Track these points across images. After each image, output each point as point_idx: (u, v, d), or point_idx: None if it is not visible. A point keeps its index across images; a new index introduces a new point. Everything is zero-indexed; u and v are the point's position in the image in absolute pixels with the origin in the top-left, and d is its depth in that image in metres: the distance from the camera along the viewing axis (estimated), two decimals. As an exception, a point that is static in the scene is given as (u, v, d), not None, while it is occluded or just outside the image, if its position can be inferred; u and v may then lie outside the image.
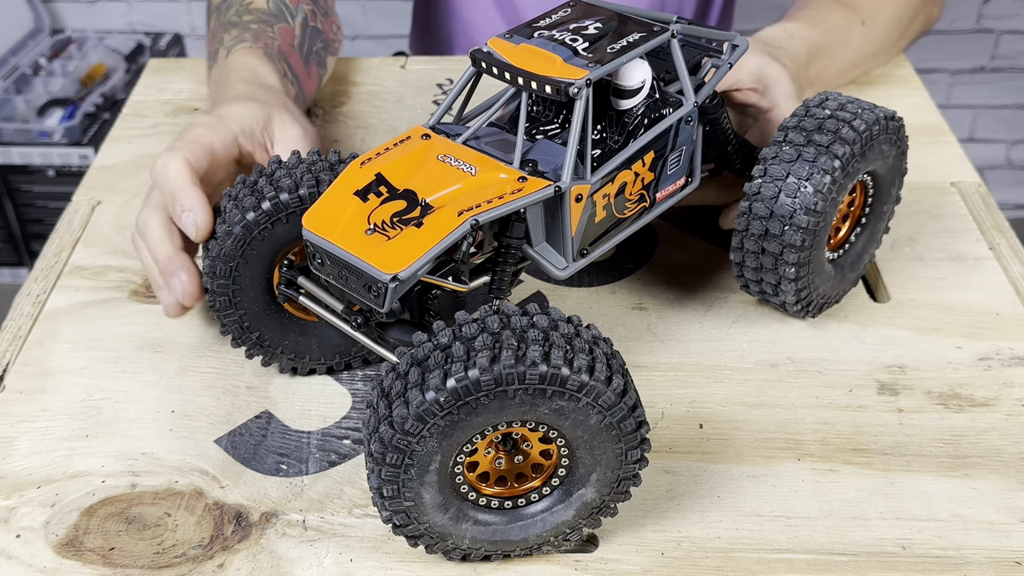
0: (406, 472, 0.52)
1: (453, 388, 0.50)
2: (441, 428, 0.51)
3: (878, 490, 0.62)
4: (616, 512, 0.57)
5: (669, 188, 0.68)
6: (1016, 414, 0.67)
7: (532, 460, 0.56)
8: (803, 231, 0.65)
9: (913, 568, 0.58)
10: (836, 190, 0.65)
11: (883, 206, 0.73)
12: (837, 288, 0.73)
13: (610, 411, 0.52)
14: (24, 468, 0.64)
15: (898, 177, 0.73)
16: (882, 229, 0.75)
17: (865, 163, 0.67)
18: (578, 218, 0.61)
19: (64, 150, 1.93)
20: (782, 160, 0.66)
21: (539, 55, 0.61)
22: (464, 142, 0.63)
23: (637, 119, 0.64)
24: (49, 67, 2.06)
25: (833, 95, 0.69)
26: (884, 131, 0.67)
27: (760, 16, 2.12)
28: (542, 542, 0.57)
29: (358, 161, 0.62)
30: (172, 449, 0.65)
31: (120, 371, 0.71)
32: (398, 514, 0.54)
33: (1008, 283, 0.77)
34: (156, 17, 2.18)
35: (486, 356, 0.50)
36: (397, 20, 2.15)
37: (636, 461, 0.55)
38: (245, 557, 0.58)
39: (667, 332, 0.74)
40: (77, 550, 0.59)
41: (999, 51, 2.17)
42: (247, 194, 0.64)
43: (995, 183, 2.32)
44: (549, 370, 0.50)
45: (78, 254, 0.81)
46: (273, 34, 0.87)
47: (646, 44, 0.62)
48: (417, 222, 0.57)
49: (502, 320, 0.52)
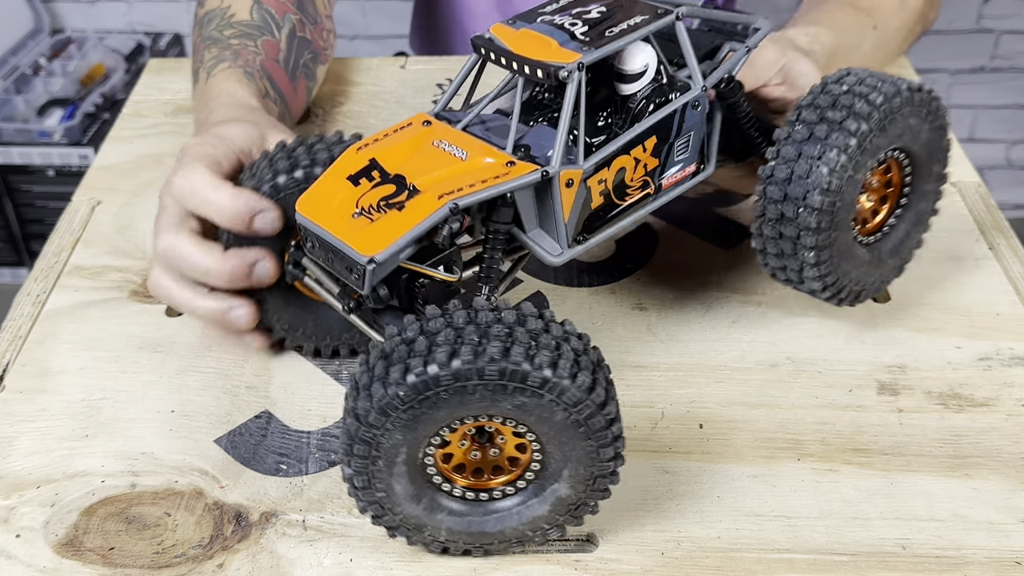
0: (374, 463, 0.53)
1: (413, 383, 0.50)
2: (404, 421, 0.51)
3: (878, 490, 0.62)
4: (597, 510, 0.57)
5: (677, 175, 0.66)
6: (1016, 414, 0.67)
7: (507, 453, 0.56)
8: (818, 212, 0.63)
9: (913, 568, 0.58)
10: (853, 167, 0.62)
11: (924, 185, 0.70)
12: (874, 275, 0.70)
13: (576, 408, 0.52)
14: (24, 468, 0.64)
15: (937, 153, 0.69)
16: (928, 211, 0.71)
17: (887, 138, 0.64)
18: (570, 204, 0.60)
19: (64, 150, 1.93)
20: (794, 140, 0.64)
21: (536, 40, 0.61)
22: (464, 128, 0.63)
23: (641, 104, 0.63)
24: (49, 67, 2.06)
25: (855, 71, 0.66)
26: (908, 103, 0.64)
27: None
28: (520, 537, 0.57)
29: (355, 146, 0.63)
30: (172, 449, 0.65)
31: (120, 371, 0.71)
32: (372, 504, 0.55)
33: (1008, 283, 0.77)
34: (156, 17, 2.18)
35: (445, 351, 0.50)
36: (397, 20, 2.15)
37: (611, 459, 0.54)
38: (245, 557, 0.58)
39: (667, 332, 0.74)
40: (77, 550, 0.59)
41: (999, 51, 2.17)
42: (283, 157, 0.65)
43: (995, 183, 2.32)
44: (508, 366, 0.50)
45: (78, 254, 0.81)
46: (256, 49, 0.84)
47: (647, 27, 0.61)
48: (400, 206, 0.58)
49: (468, 315, 0.52)
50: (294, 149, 0.66)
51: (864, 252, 0.68)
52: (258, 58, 0.84)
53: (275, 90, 0.83)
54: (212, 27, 0.87)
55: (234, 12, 0.88)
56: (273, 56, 0.86)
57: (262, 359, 0.72)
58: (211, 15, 0.88)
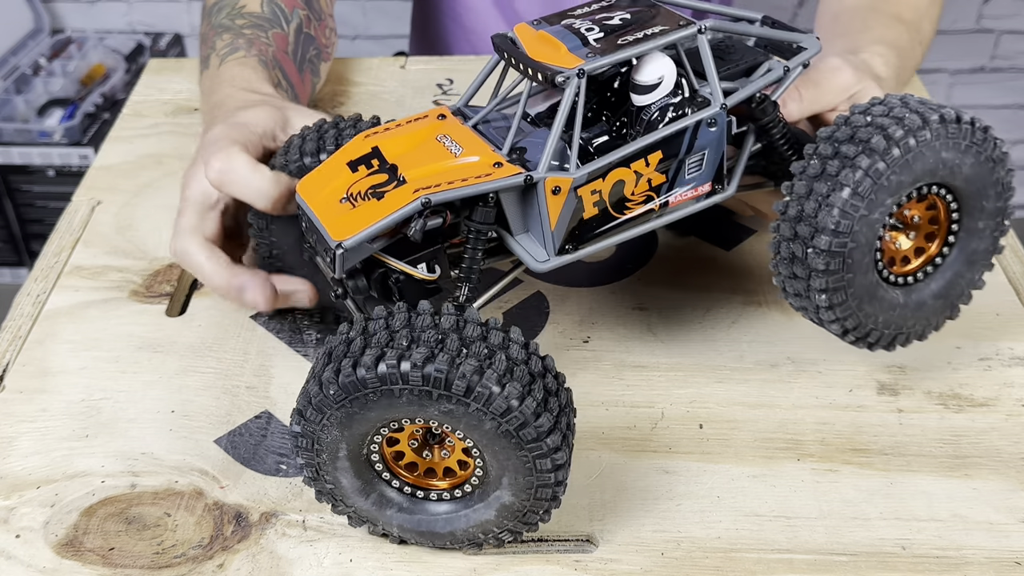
0: (318, 456, 0.54)
1: (343, 383, 0.51)
2: (339, 419, 0.52)
3: (878, 490, 0.62)
4: (548, 518, 0.56)
5: (687, 193, 0.63)
6: (1016, 414, 0.67)
7: (456, 456, 0.56)
8: (826, 254, 0.59)
9: (913, 568, 0.58)
10: (866, 207, 0.58)
11: (974, 222, 0.63)
12: (914, 319, 0.64)
13: (504, 418, 0.51)
14: (24, 468, 0.64)
15: (988, 188, 0.62)
16: (985, 250, 0.65)
17: (912, 175, 0.59)
18: (557, 211, 0.59)
19: (64, 150, 1.93)
20: (807, 175, 0.60)
21: (548, 43, 0.60)
22: (473, 126, 0.63)
23: (655, 116, 0.61)
24: (49, 67, 2.06)
25: (889, 99, 0.61)
26: (940, 136, 0.59)
27: (760, 16, 2.12)
28: (471, 539, 0.57)
29: (364, 133, 0.63)
30: (172, 449, 0.65)
31: (120, 371, 0.71)
32: (325, 495, 0.56)
33: (1008, 283, 0.77)
34: (156, 17, 2.18)
35: (373, 355, 0.51)
36: (397, 20, 2.15)
37: (551, 470, 0.53)
38: (245, 557, 0.58)
39: (667, 332, 0.74)
40: (77, 550, 0.59)
41: (999, 51, 2.17)
42: (313, 139, 0.67)
43: (995, 183, 2.32)
44: (432, 372, 0.50)
45: (78, 254, 0.81)
46: (267, 40, 0.85)
47: (663, 38, 0.59)
48: (381, 195, 0.58)
49: (407, 318, 0.53)
50: (326, 131, 0.68)
51: (897, 294, 0.63)
52: (270, 49, 0.85)
53: (287, 80, 0.84)
54: (223, 16, 0.87)
55: (244, 3, 0.89)
56: (283, 48, 0.87)
57: (262, 359, 0.72)
58: (221, 4, 0.89)
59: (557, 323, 0.75)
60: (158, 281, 0.79)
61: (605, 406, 0.68)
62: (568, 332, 0.74)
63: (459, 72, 1.05)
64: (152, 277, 0.79)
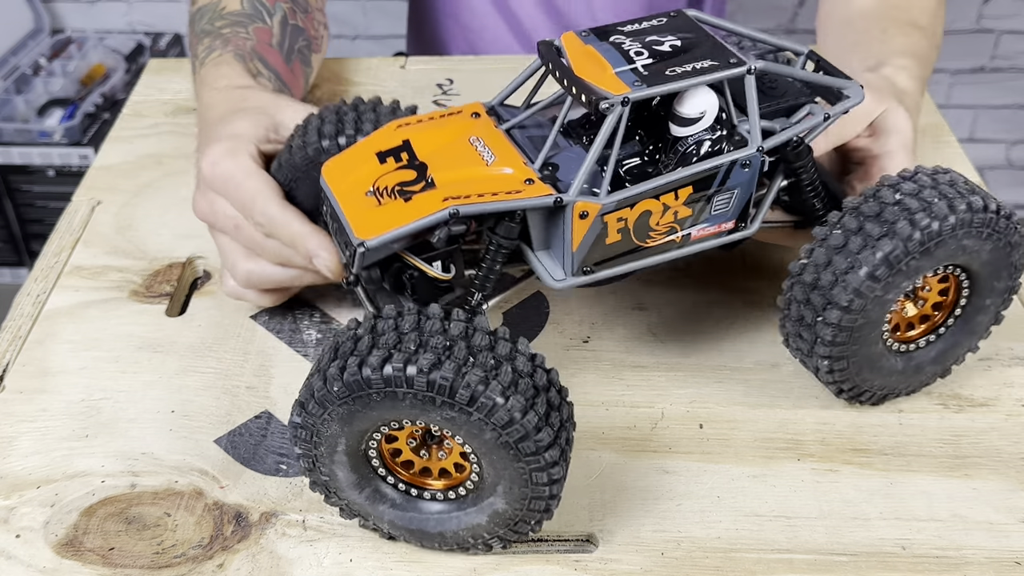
0: (316, 448, 0.54)
1: (348, 381, 0.51)
2: (341, 415, 0.53)
3: (878, 490, 0.62)
4: (539, 528, 0.56)
5: (710, 229, 0.63)
6: (1016, 414, 0.67)
7: (453, 459, 0.56)
8: (834, 328, 0.59)
9: (913, 568, 0.58)
10: (882, 288, 0.58)
11: (983, 300, 0.64)
12: (907, 382, 0.66)
13: (505, 430, 0.51)
14: (24, 468, 0.64)
15: (1003, 270, 0.63)
16: (987, 323, 0.66)
17: (931, 260, 0.59)
18: (582, 235, 0.59)
19: (64, 150, 1.93)
20: (828, 245, 0.59)
21: (595, 61, 0.59)
22: (507, 130, 0.62)
23: (691, 149, 0.60)
24: (49, 67, 2.06)
25: (921, 174, 0.60)
26: (964, 225, 0.58)
27: (760, 16, 2.12)
28: (460, 542, 0.57)
29: (396, 123, 0.63)
30: (172, 449, 0.65)
31: (120, 371, 0.71)
32: (319, 486, 0.56)
33: (1008, 283, 0.77)
34: (156, 17, 2.18)
35: (379, 356, 0.51)
36: (397, 20, 2.15)
37: (546, 484, 0.53)
38: (245, 557, 0.58)
39: (667, 332, 0.74)
40: (77, 550, 0.59)
41: (999, 51, 2.17)
42: (332, 121, 0.67)
43: (995, 183, 2.32)
44: (437, 379, 0.50)
45: (78, 254, 0.81)
46: (247, 35, 0.85)
47: (710, 75, 0.58)
48: (408, 196, 0.58)
49: (416, 321, 0.52)
50: (345, 113, 0.68)
51: (897, 361, 0.64)
52: (248, 43, 0.84)
53: (269, 70, 0.83)
54: (204, 21, 0.88)
55: (225, 5, 0.88)
56: (266, 41, 0.86)
57: (262, 359, 0.72)
58: (203, 11, 0.89)
59: (557, 323, 0.75)
60: (158, 281, 0.79)
61: (605, 406, 0.68)
62: (568, 332, 0.74)
63: (459, 72, 1.05)
64: (152, 277, 0.79)
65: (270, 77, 0.83)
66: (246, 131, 0.70)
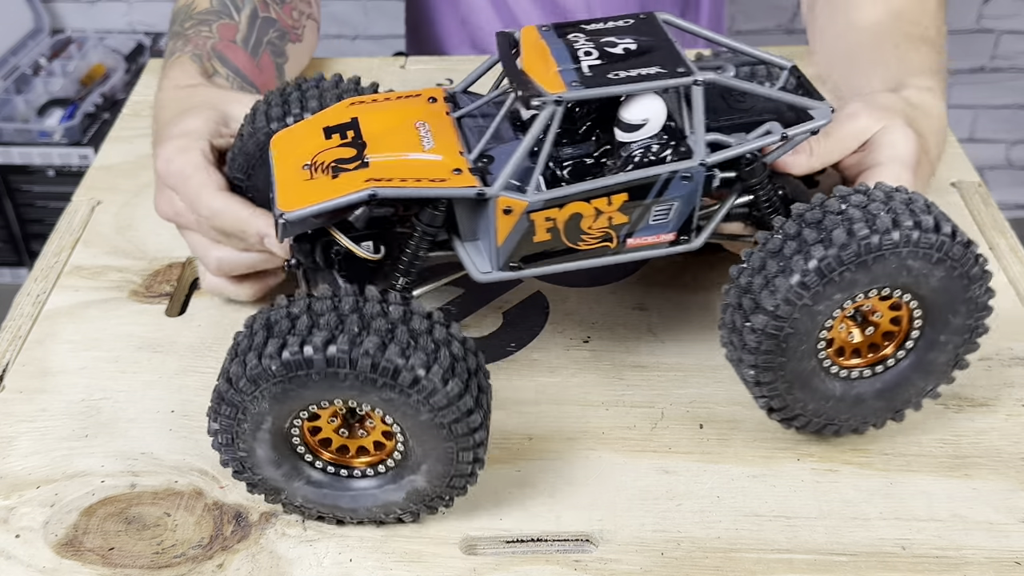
0: (239, 425, 0.55)
1: (287, 360, 0.52)
2: (273, 393, 0.53)
3: (878, 490, 0.62)
4: (451, 504, 0.59)
5: (648, 239, 0.61)
6: (1016, 414, 0.67)
7: (374, 438, 0.57)
8: (759, 333, 0.57)
9: (913, 568, 0.58)
10: (811, 297, 0.56)
11: (937, 335, 0.60)
12: (849, 413, 0.62)
13: (441, 412, 0.53)
14: (24, 468, 0.64)
15: (959, 304, 0.59)
16: (944, 363, 0.62)
17: (869, 275, 0.56)
18: (507, 231, 0.58)
19: (64, 150, 1.93)
20: (766, 250, 0.58)
21: (543, 56, 0.59)
22: (459, 118, 0.62)
23: (634, 155, 0.59)
24: (49, 67, 2.06)
25: (876, 190, 0.58)
26: (909, 243, 0.56)
27: (760, 16, 2.12)
28: (372, 516, 0.59)
29: (349, 100, 0.63)
30: (172, 449, 0.65)
31: (120, 371, 0.71)
32: (234, 461, 0.57)
33: (1008, 283, 0.77)
34: (156, 17, 2.18)
35: (323, 336, 0.51)
36: (397, 20, 2.15)
37: (471, 462, 0.56)
38: (245, 557, 0.58)
39: (667, 332, 0.74)
40: (77, 550, 0.59)
41: (999, 51, 2.17)
42: (278, 103, 0.68)
43: (995, 183, 2.32)
44: (382, 361, 0.51)
45: (78, 254, 0.81)
46: (209, 33, 0.86)
47: (652, 82, 0.57)
48: (337, 173, 0.58)
49: (356, 303, 0.53)
50: (289, 93, 0.68)
51: (836, 386, 0.61)
52: (209, 41, 0.85)
53: (227, 67, 0.84)
54: (177, 24, 0.88)
55: (196, 5, 0.89)
56: (229, 37, 0.86)
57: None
58: (178, 13, 0.90)
59: (557, 323, 0.75)
60: (158, 281, 0.79)
61: (605, 406, 0.68)
62: (568, 332, 0.74)
63: (459, 72, 1.04)
64: (152, 277, 0.79)
65: (227, 75, 0.84)
66: (197, 127, 0.71)
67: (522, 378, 0.70)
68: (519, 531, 0.60)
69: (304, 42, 0.97)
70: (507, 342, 0.73)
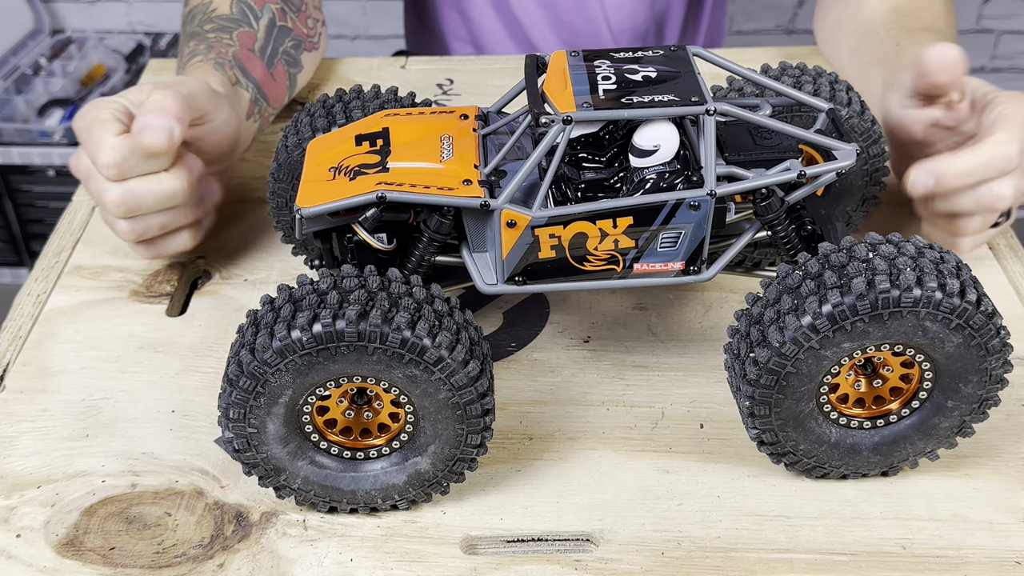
0: (255, 399, 0.55)
1: (318, 332, 0.53)
2: (297, 366, 0.54)
3: (878, 490, 0.62)
4: (447, 491, 0.60)
5: (655, 265, 0.62)
6: (1016, 414, 0.67)
7: (380, 419, 0.58)
8: (760, 367, 0.57)
9: (913, 568, 0.58)
10: (819, 342, 0.55)
11: (946, 400, 0.59)
12: (841, 460, 0.61)
13: (459, 391, 0.55)
14: (24, 468, 0.64)
15: (971, 373, 0.58)
16: (946, 428, 0.60)
17: (882, 330, 0.55)
18: (511, 244, 0.60)
19: (64, 150, 1.92)
20: (784, 284, 0.58)
21: (563, 79, 0.61)
22: (485, 135, 0.64)
23: (645, 180, 0.60)
24: (49, 67, 2.06)
25: (915, 244, 0.57)
26: (929, 305, 0.54)
27: (760, 16, 2.12)
28: (370, 500, 0.60)
29: (383, 112, 0.66)
30: (172, 449, 0.65)
31: (120, 371, 0.71)
32: (240, 438, 0.57)
33: (1008, 283, 0.77)
34: (156, 17, 2.18)
35: (356, 310, 0.53)
36: (397, 20, 2.15)
37: (476, 446, 0.58)
38: (245, 557, 0.59)
39: (667, 332, 0.74)
40: (77, 550, 0.59)
41: (999, 51, 2.17)
42: (321, 115, 0.70)
43: (995, 183, 2.32)
44: (412, 338, 0.53)
45: (78, 254, 0.81)
46: (230, 41, 0.87)
47: (663, 109, 0.58)
48: (355, 176, 0.61)
49: (383, 282, 0.55)
50: (332, 106, 0.71)
51: (832, 431, 0.60)
52: (231, 49, 0.86)
53: (247, 78, 0.86)
54: (195, 23, 0.89)
55: (215, 7, 0.90)
56: (248, 46, 0.88)
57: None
58: (194, 12, 0.91)
59: (557, 323, 0.75)
60: (158, 281, 0.79)
61: (605, 406, 0.68)
62: (568, 332, 0.74)
63: (459, 72, 1.05)
64: (152, 277, 0.79)
65: (247, 86, 0.85)
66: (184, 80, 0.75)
67: (522, 378, 0.70)
68: (519, 531, 0.60)
69: (319, 49, 0.99)
70: (508, 342, 0.73)
